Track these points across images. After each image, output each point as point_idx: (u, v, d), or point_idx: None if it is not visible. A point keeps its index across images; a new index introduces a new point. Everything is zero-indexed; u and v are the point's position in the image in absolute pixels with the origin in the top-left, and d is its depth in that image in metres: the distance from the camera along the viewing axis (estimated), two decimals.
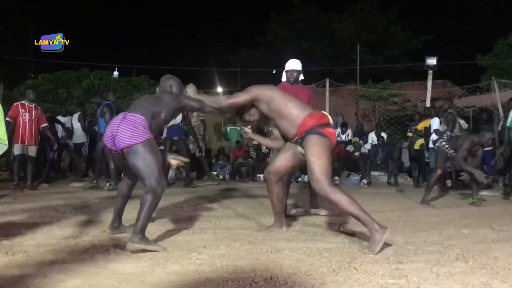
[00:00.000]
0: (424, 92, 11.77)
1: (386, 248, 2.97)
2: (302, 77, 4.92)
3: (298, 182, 9.11)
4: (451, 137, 6.01)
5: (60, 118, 10.01)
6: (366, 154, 10.08)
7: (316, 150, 3.11)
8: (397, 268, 2.52)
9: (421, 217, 4.70)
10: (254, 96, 3.42)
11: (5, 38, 18.92)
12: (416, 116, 10.63)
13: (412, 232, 3.74)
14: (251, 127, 3.90)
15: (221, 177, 10.38)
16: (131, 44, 27.54)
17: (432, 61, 11.22)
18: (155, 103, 3.33)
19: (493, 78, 11.36)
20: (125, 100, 13.62)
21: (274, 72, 14.85)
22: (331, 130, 3.27)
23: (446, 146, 5.85)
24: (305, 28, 21.51)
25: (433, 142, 6.98)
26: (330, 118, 3.34)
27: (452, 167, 7.48)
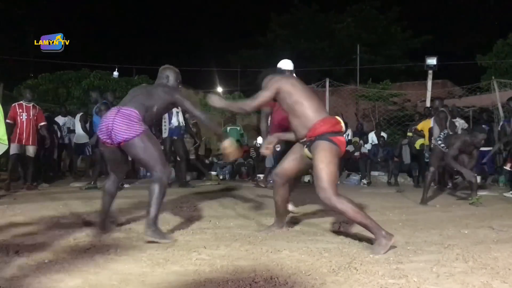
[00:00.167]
0: (424, 92, 11.78)
1: None
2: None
3: (299, 183, 9.08)
4: (447, 135, 6.01)
5: (60, 118, 10.03)
6: (366, 154, 10.08)
7: (325, 157, 3.07)
8: (397, 268, 2.52)
9: (421, 217, 4.71)
10: (276, 90, 3.32)
11: (5, 38, 18.91)
12: (416, 116, 10.64)
13: (412, 232, 3.74)
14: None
15: (221, 177, 10.38)
16: (131, 44, 27.54)
17: (432, 61, 11.22)
18: (148, 97, 3.39)
19: (493, 78, 11.37)
20: None
21: None
22: (342, 138, 3.22)
23: (441, 145, 5.85)
24: (305, 28, 21.54)
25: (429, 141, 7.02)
26: (343, 126, 3.27)
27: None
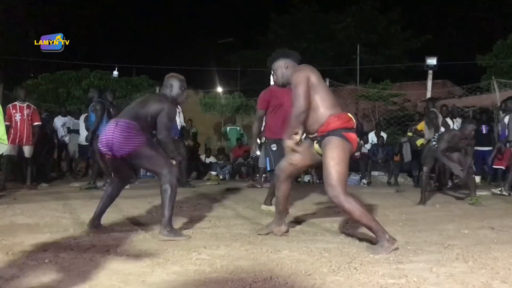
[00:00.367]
0: (424, 92, 11.76)
1: None
2: None
3: (298, 182, 9.10)
4: (440, 134, 6.04)
5: (60, 118, 10.03)
6: (367, 154, 10.08)
7: (337, 154, 3.00)
8: (397, 268, 2.52)
9: (421, 217, 4.70)
10: (307, 80, 3.14)
11: (5, 38, 18.89)
12: (416, 116, 10.64)
13: (412, 232, 3.74)
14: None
15: (221, 177, 10.38)
16: (131, 44, 27.55)
17: (432, 61, 11.20)
18: (142, 106, 3.43)
19: (493, 78, 11.36)
20: (125, 100, 13.63)
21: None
22: (354, 135, 3.15)
23: (436, 146, 5.84)
24: (305, 28, 21.52)
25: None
26: (355, 123, 3.22)
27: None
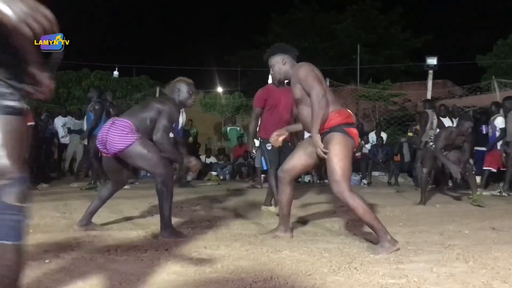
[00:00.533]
0: (424, 92, 11.76)
1: None
2: None
3: (298, 182, 9.11)
4: (436, 135, 6.01)
5: (60, 118, 10.05)
6: (367, 154, 10.08)
7: (340, 150, 3.00)
8: (397, 268, 2.52)
9: (421, 217, 4.71)
10: (314, 71, 3.17)
11: None
12: (416, 116, 10.64)
13: (412, 232, 3.74)
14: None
15: (221, 177, 10.39)
16: (131, 44, 27.60)
17: (432, 61, 11.19)
18: (143, 108, 3.46)
19: (493, 78, 11.37)
20: (125, 100, 13.64)
21: None
22: (356, 130, 3.17)
23: (433, 146, 5.83)
24: (305, 28, 21.54)
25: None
26: (354, 118, 3.23)
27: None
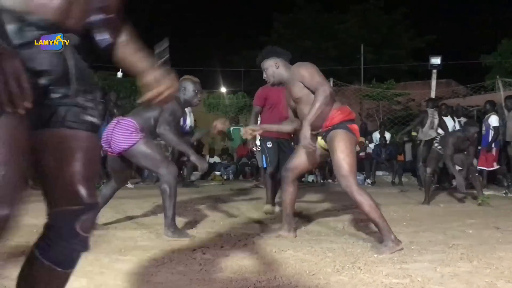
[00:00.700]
0: (428, 91, 11.74)
1: None
2: None
3: (302, 182, 9.09)
4: (442, 136, 5.99)
5: None
6: (371, 154, 10.08)
7: (345, 147, 3.09)
8: (401, 268, 2.52)
9: (425, 216, 4.70)
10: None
11: None
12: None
13: (416, 232, 3.74)
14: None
15: (225, 177, 10.40)
16: None
17: (436, 60, 11.17)
18: (147, 110, 3.46)
19: (497, 77, 11.31)
20: (129, 100, 13.65)
21: None
22: (356, 126, 3.28)
23: (438, 147, 5.81)
24: (308, 28, 21.51)
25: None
26: (354, 114, 3.38)
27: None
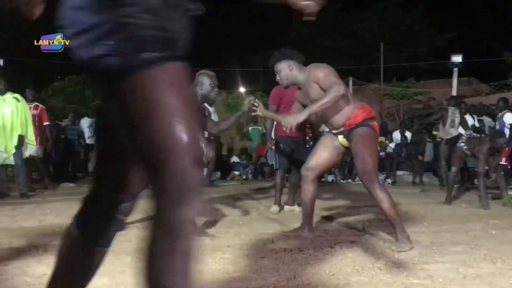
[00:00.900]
0: (449, 90, 11.56)
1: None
2: None
3: (321, 182, 9.04)
4: (471, 138, 5.83)
5: (86, 119, 10.25)
6: (391, 154, 9.99)
7: (370, 144, 3.17)
8: (422, 268, 2.50)
9: (446, 217, 4.64)
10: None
11: (33, 41, 19.36)
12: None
13: (437, 232, 3.69)
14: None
15: (244, 177, 10.42)
16: None
17: (457, 58, 11.00)
18: None
19: None
20: None
21: None
22: (376, 123, 3.34)
23: (464, 147, 5.69)
24: (327, 26, 21.37)
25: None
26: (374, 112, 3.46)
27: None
